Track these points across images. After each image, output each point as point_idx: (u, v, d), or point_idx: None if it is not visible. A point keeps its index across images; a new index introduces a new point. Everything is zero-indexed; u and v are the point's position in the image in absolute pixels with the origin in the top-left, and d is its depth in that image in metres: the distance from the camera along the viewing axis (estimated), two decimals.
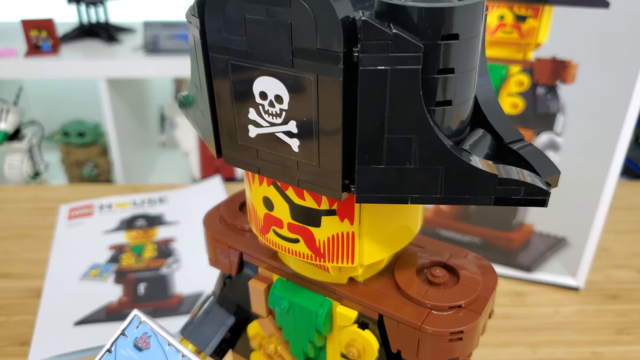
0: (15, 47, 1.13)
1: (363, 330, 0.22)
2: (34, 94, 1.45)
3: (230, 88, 0.18)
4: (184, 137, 1.21)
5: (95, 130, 1.27)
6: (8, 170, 1.22)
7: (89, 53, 1.14)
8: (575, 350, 0.49)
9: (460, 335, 0.20)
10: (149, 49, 1.12)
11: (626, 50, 0.45)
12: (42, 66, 1.10)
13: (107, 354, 0.27)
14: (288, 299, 0.23)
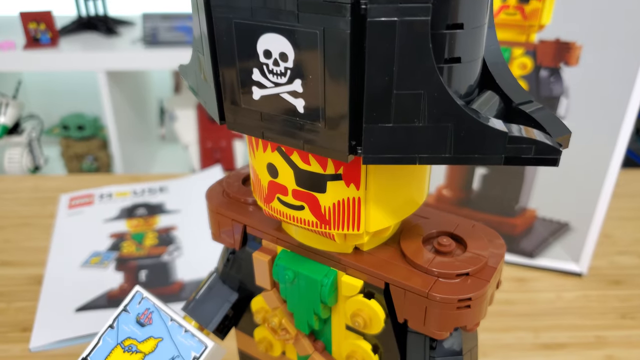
0: (14, 40, 1.13)
1: (369, 300, 0.22)
2: (33, 88, 1.44)
3: (233, 48, 0.18)
4: (183, 130, 1.21)
5: (94, 124, 1.26)
6: (8, 164, 1.22)
7: (88, 46, 1.14)
8: (579, 335, 0.48)
9: (468, 303, 0.20)
10: (148, 41, 1.11)
11: (630, 31, 0.44)
12: (41, 59, 1.10)
13: (110, 329, 0.27)
14: (292, 270, 0.23)
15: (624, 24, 0.44)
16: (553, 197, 0.53)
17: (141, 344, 0.26)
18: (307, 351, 0.25)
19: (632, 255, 0.59)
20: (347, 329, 0.24)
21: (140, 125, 1.30)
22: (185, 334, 0.26)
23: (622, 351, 0.47)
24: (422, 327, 0.21)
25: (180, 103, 1.24)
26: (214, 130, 1.20)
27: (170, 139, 1.39)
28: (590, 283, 0.55)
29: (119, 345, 0.27)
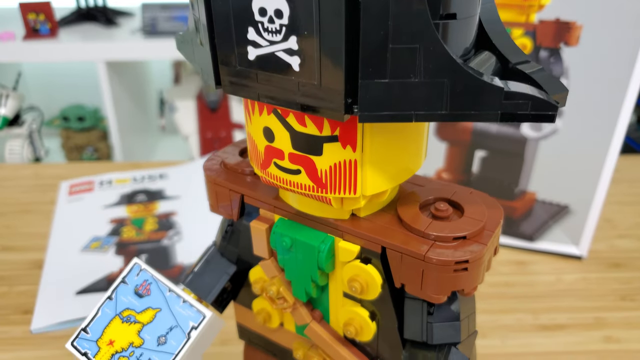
0: (14, 30, 1.13)
1: (366, 265, 0.22)
2: (33, 80, 1.44)
3: (228, 7, 0.18)
4: (183, 121, 1.21)
5: (94, 115, 1.26)
6: (9, 156, 1.22)
7: (87, 36, 1.14)
8: (578, 316, 0.49)
9: (465, 266, 0.20)
10: (147, 32, 1.11)
11: (631, 10, 0.44)
12: (40, 49, 1.09)
13: (108, 300, 0.27)
14: (290, 237, 0.23)
15: (624, 3, 0.44)
16: (553, 179, 0.53)
17: (139, 315, 0.26)
18: (304, 320, 0.25)
19: (632, 238, 0.59)
20: (345, 297, 0.24)
21: (140, 116, 1.30)
22: (183, 305, 0.26)
23: (621, 332, 0.47)
24: (419, 291, 0.21)
25: (180, 94, 1.23)
26: (213, 121, 1.20)
27: (170, 130, 1.40)
28: (590, 266, 0.55)
29: (118, 316, 0.27)
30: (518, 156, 0.53)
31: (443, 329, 0.22)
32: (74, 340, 0.27)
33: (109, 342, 0.26)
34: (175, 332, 0.26)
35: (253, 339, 0.30)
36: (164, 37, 1.10)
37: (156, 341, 0.26)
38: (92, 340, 0.27)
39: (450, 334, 0.22)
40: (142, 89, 1.33)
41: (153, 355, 0.25)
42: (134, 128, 1.25)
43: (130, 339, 0.26)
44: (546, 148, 0.52)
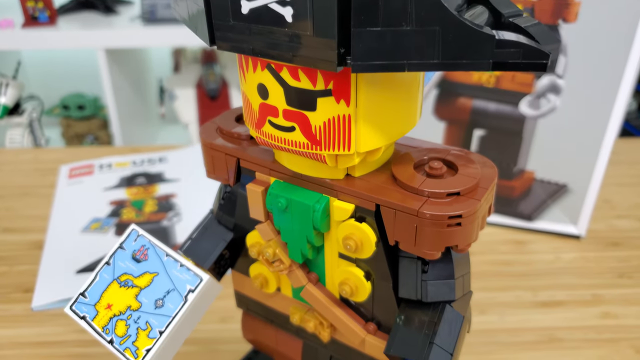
0: (13, 18, 1.12)
1: (360, 224, 0.22)
2: (33, 68, 1.44)
3: None
4: (183, 109, 1.21)
5: (94, 103, 1.26)
6: (9, 145, 1.22)
7: (86, 24, 1.13)
8: (576, 293, 0.49)
9: (459, 220, 0.20)
10: (146, 19, 1.11)
11: None
12: (39, 37, 1.09)
13: (106, 266, 0.27)
14: (285, 197, 0.23)
15: None
16: (551, 158, 0.53)
17: (137, 279, 0.27)
18: (301, 282, 0.25)
19: (630, 219, 0.59)
20: (340, 258, 0.24)
21: (140, 104, 1.30)
22: (180, 268, 0.26)
23: (618, 308, 0.47)
24: (413, 247, 0.21)
25: (179, 82, 1.23)
26: (213, 109, 1.20)
27: (170, 118, 1.40)
28: (588, 245, 0.55)
29: (115, 280, 0.27)
30: (516, 135, 0.53)
31: (437, 287, 0.22)
32: (73, 305, 0.27)
33: (107, 306, 0.26)
34: (173, 295, 0.26)
35: (251, 307, 0.31)
36: (163, 24, 1.10)
37: (153, 304, 0.26)
38: (91, 304, 0.27)
39: (444, 292, 0.22)
40: (142, 77, 1.33)
41: (150, 317, 0.26)
42: (134, 116, 1.25)
43: (128, 302, 0.26)
44: (545, 126, 0.52)
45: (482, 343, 0.43)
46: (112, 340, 0.26)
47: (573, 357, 0.42)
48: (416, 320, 0.22)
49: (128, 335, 0.25)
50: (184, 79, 1.24)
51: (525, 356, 0.42)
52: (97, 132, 1.27)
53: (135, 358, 0.25)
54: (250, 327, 0.32)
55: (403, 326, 0.23)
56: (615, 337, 0.44)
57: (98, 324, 0.26)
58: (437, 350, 0.21)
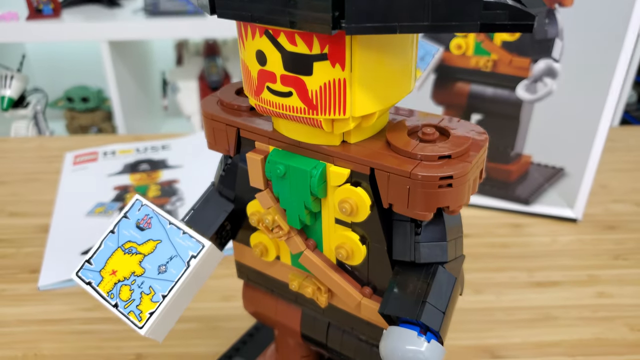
0: (17, 11, 1.14)
1: (356, 188, 0.23)
2: (37, 61, 1.45)
3: None
4: (186, 101, 1.22)
5: (98, 96, 1.28)
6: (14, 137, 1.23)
7: (89, 16, 1.14)
8: (572, 274, 0.50)
9: (450, 182, 0.21)
10: (149, 11, 1.12)
11: None
12: (43, 29, 1.10)
13: (111, 234, 0.28)
14: (284, 164, 0.24)
15: None
16: (548, 142, 0.54)
17: (141, 246, 0.27)
18: (299, 248, 0.26)
19: (627, 203, 0.60)
20: (336, 223, 0.25)
21: (144, 96, 1.31)
22: (183, 236, 0.27)
23: (613, 288, 0.48)
24: (406, 209, 0.22)
25: (182, 75, 1.24)
26: None
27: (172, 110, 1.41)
28: (585, 228, 0.56)
29: (120, 248, 0.28)
30: (514, 119, 0.54)
31: (430, 249, 0.23)
32: (79, 271, 0.28)
33: (112, 272, 0.27)
34: (175, 261, 0.27)
35: (251, 277, 0.32)
36: (166, 16, 1.11)
37: (157, 270, 0.27)
38: (96, 270, 0.28)
39: (437, 254, 0.23)
40: (145, 70, 1.34)
41: (154, 282, 0.27)
42: (138, 108, 1.26)
43: (132, 268, 0.27)
44: (541, 110, 0.52)
45: (479, 321, 0.44)
46: (117, 304, 0.27)
47: (568, 334, 0.43)
48: (409, 281, 0.23)
49: (132, 300, 0.26)
50: (186, 71, 1.25)
51: (521, 333, 0.43)
52: (101, 124, 1.28)
53: (139, 321, 0.26)
54: (251, 299, 0.33)
55: (397, 286, 0.23)
56: (610, 316, 0.45)
57: (103, 289, 0.27)
58: (429, 308, 0.22)
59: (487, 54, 0.52)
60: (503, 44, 0.51)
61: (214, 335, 0.44)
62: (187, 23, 1.09)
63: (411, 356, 0.22)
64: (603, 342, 0.42)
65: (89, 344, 0.43)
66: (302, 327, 0.31)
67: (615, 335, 0.43)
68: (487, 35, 0.51)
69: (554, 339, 0.43)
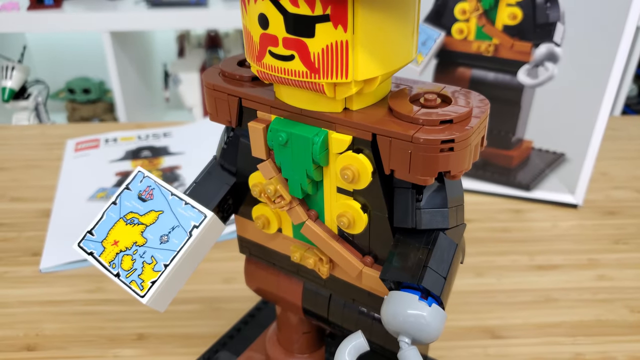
0: (18, 1, 1.14)
1: (357, 154, 0.23)
2: (38, 53, 1.45)
3: None
4: (187, 93, 1.22)
5: (100, 87, 1.28)
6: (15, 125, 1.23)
7: (91, 7, 1.14)
8: (572, 258, 0.50)
9: (451, 145, 0.21)
10: (151, 2, 1.12)
11: None
12: (45, 20, 1.10)
13: (113, 205, 0.28)
14: (286, 131, 0.24)
15: None
16: (549, 127, 0.54)
17: (143, 217, 0.28)
18: (301, 218, 0.26)
19: (627, 189, 0.60)
20: (338, 192, 0.25)
21: (145, 88, 1.31)
22: (185, 206, 0.27)
23: (613, 271, 0.48)
24: (408, 175, 0.22)
25: (184, 67, 1.24)
26: None
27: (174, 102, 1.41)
28: (585, 213, 0.56)
29: (122, 219, 0.28)
30: (515, 104, 0.54)
31: (431, 215, 0.23)
32: (80, 242, 0.28)
33: (114, 243, 0.27)
34: (178, 232, 0.27)
35: (253, 251, 0.32)
36: (168, 7, 1.10)
37: (159, 240, 0.27)
38: (98, 241, 0.28)
39: (438, 220, 0.23)
40: (146, 61, 1.34)
41: (156, 252, 0.27)
42: (139, 100, 1.26)
43: (134, 238, 0.27)
44: (543, 95, 0.52)
45: (480, 303, 0.44)
46: (119, 274, 0.27)
47: (569, 315, 0.43)
48: (411, 247, 0.23)
49: (134, 269, 0.27)
50: (188, 63, 1.25)
51: (522, 315, 0.43)
52: (102, 116, 1.28)
53: (141, 290, 0.26)
54: (253, 275, 0.33)
55: (397, 253, 0.23)
56: (610, 298, 0.45)
57: (105, 259, 0.27)
58: (430, 273, 0.22)
59: (488, 38, 0.52)
60: (504, 29, 0.51)
61: (216, 316, 0.44)
62: (189, 14, 1.09)
63: (412, 320, 0.22)
64: (603, 323, 0.42)
65: (91, 325, 0.43)
66: (303, 302, 0.31)
67: (616, 317, 0.43)
68: (488, 19, 0.51)
69: (555, 320, 0.43)
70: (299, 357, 0.35)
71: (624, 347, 0.40)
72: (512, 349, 0.40)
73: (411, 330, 0.22)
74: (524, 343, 0.41)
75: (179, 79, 1.22)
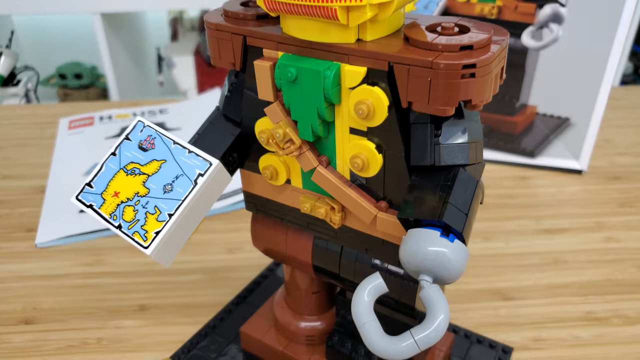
0: None
1: (373, 87, 0.22)
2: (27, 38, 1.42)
3: None
4: (182, 77, 1.20)
5: (92, 72, 1.25)
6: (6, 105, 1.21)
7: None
8: (579, 221, 0.49)
9: (473, 70, 0.20)
10: None
11: None
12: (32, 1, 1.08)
13: (112, 157, 0.27)
14: (295, 66, 0.23)
15: None
16: (554, 92, 0.53)
17: (144, 167, 0.26)
18: (312, 164, 0.25)
19: (631, 155, 0.59)
20: (351, 133, 0.24)
21: (139, 73, 1.29)
22: (189, 155, 0.26)
23: (621, 233, 0.47)
24: (427, 105, 0.21)
25: (177, 50, 1.22)
26: (212, 76, 1.19)
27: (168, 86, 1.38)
28: (590, 179, 0.55)
29: (122, 169, 0.27)
30: (519, 68, 0.53)
31: (451, 149, 0.22)
32: (79, 195, 0.27)
33: (114, 194, 0.26)
34: (182, 180, 0.26)
35: (260, 207, 0.30)
36: None
37: (162, 189, 0.26)
38: (97, 193, 0.27)
39: (457, 155, 0.22)
40: (139, 46, 1.32)
41: (159, 202, 0.25)
42: (133, 85, 1.24)
43: (135, 189, 0.26)
44: (547, 58, 0.51)
45: (490, 266, 0.44)
46: (120, 226, 0.25)
47: (578, 276, 0.42)
48: (429, 184, 0.22)
49: (136, 220, 0.25)
50: (182, 46, 1.23)
51: (531, 277, 0.42)
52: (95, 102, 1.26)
53: (145, 241, 0.25)
54: (261, 235, 0.32)
55: (415, 191, 0.22)
56: (619, 258, 0.44)
57: (105, 211, 0.26)
58: (451, 209, 0.21)
59: (491, 0, 0.50)
60: None
61: (220, 285, 0.43)
62: None
63: (434, 258, 0.21)
64: (613, 283, 0.42)
65: (91, 297, 0.42)
66: (313, 259, 0.30)
67: (625, 276, 0.42)
68: None
69: (565, 280, 0.42)
70: (308, 319, 0.34)
71: (635, 304, 0.40)
72: (524, 309, 0.39)
73: (433, 267, 0.21)
74: (535, 304, 0.40)
75: (173, 62, 1.20)
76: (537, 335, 0.37)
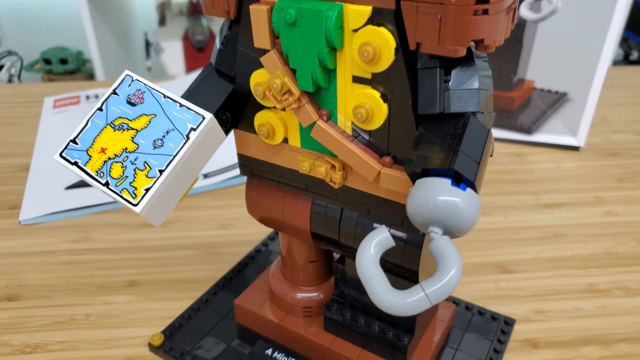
0: None
1: (379, 27, 0.20)
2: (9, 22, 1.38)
3: None
4: (170, 62, 1.17)
5: (78, 57, 1.22)
6: None
7: None
8: (578, 196, 0.48)
9: (486, 7, 0.19)
10: None
11: None
12: None
13: (98, 112, 0.26)
14: (294, 7, 0.21)
15: None
16: (551, 66, 0.52)
17: (133, 122, 0.25)
18: (311, 118, 0.24)
19: (627, 132, 0.59)
20: (354, 82, 0.22)
21: (126, 58, 1.26)
22: (180, 109, 0.25)
23: (620, 207, 0.47)
24: (437, 46, 0.20)
25: (165, 35, 1.20)
26: (200, 61, 1.17)
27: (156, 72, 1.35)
28: (588, 155, 0.55)
29: (109, 125, 0.25)
30: (517, 41, 0.52)
31: (461, 95, 0.21)
32: (62, 152, 0.26)
33: (101, 150, 0.25)
34: (173, 135, 0.24)
35: (255, 170, 0.29)
36: None
37: (152, 145, 0.24)
38: (82, 150, 0.25)
39: (468, 102, 0.21)
40: (127, 31, 1.29)
41: (149, 158, 0.24)
42: (120, 70, 1.21)
43: (123, 145, 0.24)
44: (545, 32, 0.51)
45: (488, 240, 0.43)
46: (107, 183, 0.24)
47: (579, 249, 0.42)
48: (439, 132, 0.21)
49: (125, 177, 0.24)
50: (170, 31, 1.20)
51: (531, 250, 0.42)
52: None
53: (134, 198, 0.23)
54: (256, 202, 0.31)
55: (424, 140, 0.21)
56: (619, 232, 0.44)
57: (91, 168, 0.24)
58: (463, 157, 0.20)
59: None
60: None
61: (212, 260, 0.41)
62: None
63: (444, 208, 0.19)
64: (614, 255, 0.41)
65: (77, 274, 0.40)
66: (311, 226, 0.29)
67: (626, 249, 0.42)
68: None
69: (565, 254, 0.41)
70: (306, 289, 0.33)
71: (637, 276, 0.39)
72: (524, 282, 0.39)
73: (444, 218, 0.19)
74: (536, 277, 0.39)
75: (161, 47, 1.17)
76: (539, 307, 0.36)
